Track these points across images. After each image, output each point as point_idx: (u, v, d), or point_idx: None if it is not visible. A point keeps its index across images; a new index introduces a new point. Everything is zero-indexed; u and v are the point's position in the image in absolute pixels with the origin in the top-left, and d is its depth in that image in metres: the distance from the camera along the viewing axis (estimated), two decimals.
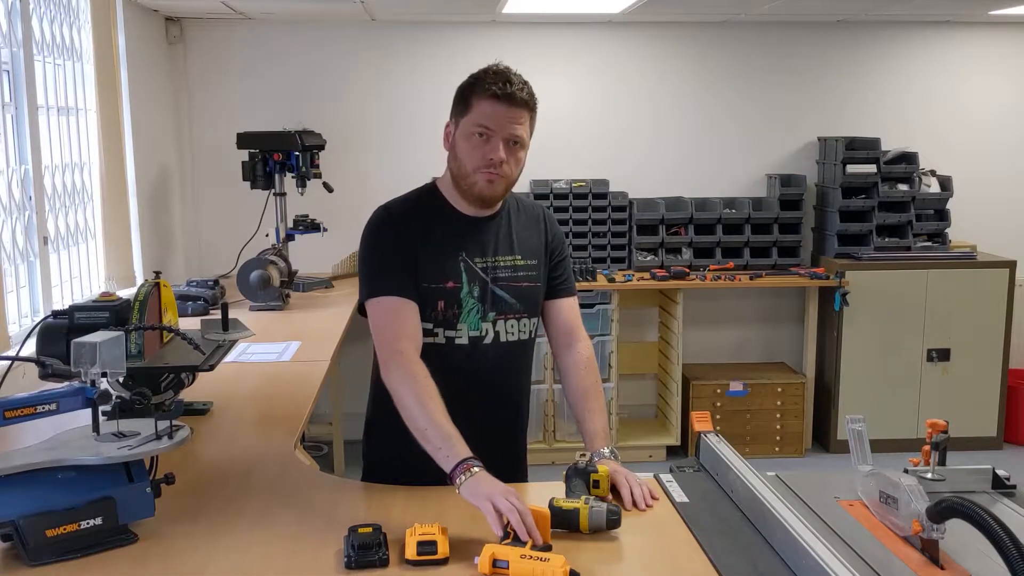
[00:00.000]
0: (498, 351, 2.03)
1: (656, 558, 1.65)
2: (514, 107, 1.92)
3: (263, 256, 4.19)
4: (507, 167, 1.94)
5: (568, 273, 2.16)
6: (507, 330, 2.03)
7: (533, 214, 2.13)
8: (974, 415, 5.08)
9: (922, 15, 5.12)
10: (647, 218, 5.10)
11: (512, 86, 1.92)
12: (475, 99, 1.94)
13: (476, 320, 2.00)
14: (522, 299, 2.05)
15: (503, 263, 2.04)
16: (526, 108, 1.94)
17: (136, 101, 4.29)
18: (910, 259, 5.04)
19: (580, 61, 5.24)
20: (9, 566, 1.57)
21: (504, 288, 2.02)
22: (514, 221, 2.08)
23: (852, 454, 1.85)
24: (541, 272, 2.09)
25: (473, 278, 2.00)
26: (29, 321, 3.25)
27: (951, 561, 1.58)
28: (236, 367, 2.98)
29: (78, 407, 1.69)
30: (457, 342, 1.99)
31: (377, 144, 5.16)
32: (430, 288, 1.97)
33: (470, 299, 1.99)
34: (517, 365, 2.10)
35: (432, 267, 1.97)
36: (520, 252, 2.06)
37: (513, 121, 1.93)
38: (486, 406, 2.03)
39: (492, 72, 1.95)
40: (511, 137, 1.93)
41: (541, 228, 2.12)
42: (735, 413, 5.03)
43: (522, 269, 2.06)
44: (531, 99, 1.95)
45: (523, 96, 1.93)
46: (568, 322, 2.14)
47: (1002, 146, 5.47)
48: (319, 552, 1.63)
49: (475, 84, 1.96)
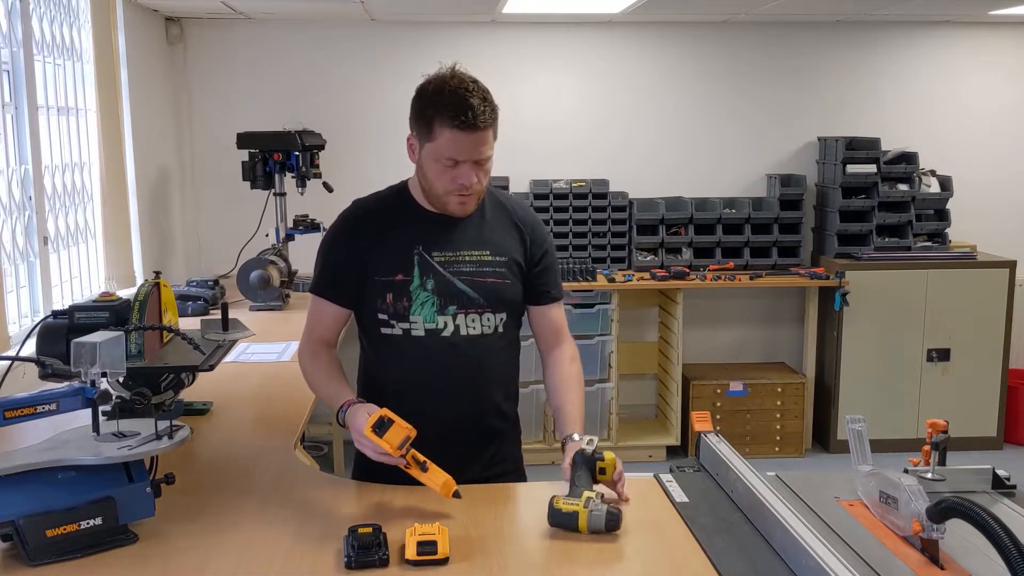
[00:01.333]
0: (458, 344, 2.01)
1: (656, 558, 1.65)
2: (478, 132, 1.88)
3: (263, 256, 4.19)
4: (477, 185, 1.95)
5: (552, 279, 2.14)
6: (468, 324, 2.01)
7: (512, 215, 2.10)
8: (974, 415, 5.08)
9: (922, 15, 5.12)
10: (647, 218, 5.10)
11: (474, 113, 1.85)
12: (438, 127, 1.89)
13: (431, 313, 1.99)
14: (486, 294, 2.02)
15: (468, 258, 2.02)
16: (489, 125, 1.90)
17: (136, 101, 4.29)
18: (910, 259, 5.04)
19: (580, 61, 5.24)
20: (9, 566, 1.57)
21: (467, 283, 2.01)
22: (488, 217, 2.06)
23: (852, 454, 1.85)
24: (513, 271, 2.06)
25: (427, 271, 1.99)
26: (29, 321, 3.25)
27: (951, 561, 1.58)
28: (236, 367, 2.98)
29: (78, 407, 1.69)
30: (413, 334, 2.00)
31: (377, 144, 5.16)
32: (380, 280, 2.00)
33: (422, 291, 1.99)
34: (484, 360, 2.05)
35: (383, 261, 2.00)
36: (488, 248, 2.04)
37: (479, 145, 1.90)
38: (446, 399, 2.02)
39: (449, 92, 1.88)
40: (479, 160, 1.92)
41: (518, 231, 2.08)
42: (735, 413, 5.03)
43: (489, 265, 2.03)
44: (493, 115, 1.90)
45: (486, 119, 1.87)
46: (553, 326, 2.15)
47: (1002, 146, 5.47)
48: (319, 552, 1.63)
49: (435, 108, 1.89)
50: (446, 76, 1.92)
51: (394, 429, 1.77)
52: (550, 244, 2.15)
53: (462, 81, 1.89)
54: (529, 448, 1.93)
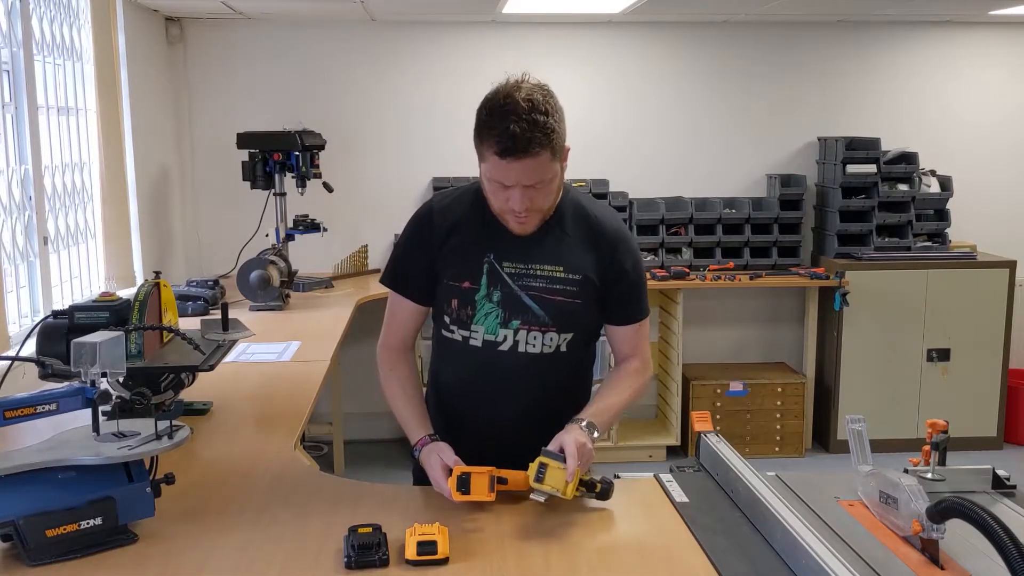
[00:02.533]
0: (515, 360, 1.95)
1: (656, 558, 1.65)
2: (523, 159, 1.76)
3: (263, 256, 4.19)
4: (536, 204, 1.85)
5: (631, 300, 2.01)
6: (528, 341, 1.94)
7: (595, 230, 1.96)
8: (974, 415, 5.08)
9: (922, 15, 5.12)
10: (647, 218, 5.10)
11: (516, 141, 1.73)
12: (484, 150, 1.80)
13: (494, 324, 1.94)
14: (553, 313, 1.93)
15: (539, 272, 1.92)
16: (539, 150, 1.75)
17: (136, 101, 4.29)
18: (910, 259, 5.04)
19: (580, 61, 5.24)
20: (9, 566, 1.57)
21: (535, 298, 1.92)
22: (568, 230, 1.94)
23: (852, 454, 1.85)
24: (587, 290, 1.94)
25: (495, 281, 1.93)
26: (29, 321, 3.25)
27: (951, 561, 1.58)
28: (236, 367, 2.98)
29: (78, 407, 1.69)
30: (471, 343, 1.96)
31: (377, 144, 5.17)
32: (449, 285, 1.97)
33: (487, 303, 1.94)
34: (541, 378, 1.97)
35: (452, 266, 1.95)
36: (562, 264, 1.93)
37: (525, 172, 1.78)
38: (499, 411, 1.99)
39: (496, 114, 1.77)
40: (529, 185, 1.81)
41: (599, 248, 1.95)
42: (735, 413, 5.03)
43: (560, 283, 1.92)
44: (546, 138, 1.76)
45: (531, 145, 1.74)
46: (628, 344, 2.05)
47: (1002, 146, 5.47)
48: (319, 552, 1.63)
49: (481, 130, 1.80)
50: (500, 93, 1.80)
51: (476, 481, 1.76)
52: (634, 263, 1.99)
53: (513, 101, 1.76)
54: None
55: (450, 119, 5.12)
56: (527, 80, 1.84)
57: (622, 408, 1.99)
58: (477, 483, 1.76)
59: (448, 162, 5.14)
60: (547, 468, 1.73)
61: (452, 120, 5.12)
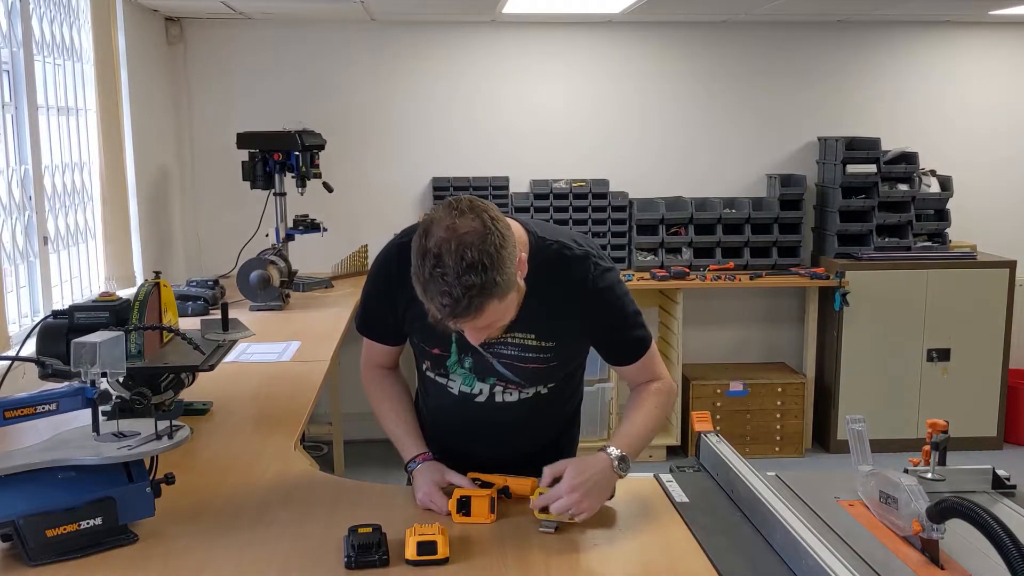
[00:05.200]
0: (494, 407, 1.90)
1: (656, 558, 1.65)
2: (466, 320, 1.58)
3: (263, 256, 4.19)
4: (493, 332, 1.73)
5: (623, 344, 1.88)
6: (505, 394, 1.89)
7: (571, 290, 1.78)
8: (974, 415, 5.07)
9: (922, 15, 5.12)
10: (647, 218, 5.10)
11: (454, 308, 1.53)
12: (427, 303, 1.58)
13: (471, 380, 1.88)
14: (527, 377, 1.86)
15: (511, 340, 1.81)
16: (480, 307, 1.55)
17: (136, 101, 4.29)
18: (910, 259, 5.04)
19: (580, 61, 5.24)
20: (9, 566, 1.57)
21: (507, 366, 1.85)
22: (539, 294, 1.75)
23: (852, 454, 1.85)
24: (564, 350, 1.85)
25: (465, 349, 1.83)
26: (29, 321, 3.25)
27: (951, 561, 1.58)
28: (236, 367, 2.97)
29: (78, 407, 1.69)
30: (449, 389, 1.92)
31: (377, 144, 5.17)
32: (419, 345, 1.90)
33: (459, 367, 1.87)
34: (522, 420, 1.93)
35: (419, 329, 1.83)
36: (534, 331, 1.81)
37: (474, 323, 1.60)
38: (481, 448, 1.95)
39: (431, 276, 1.52)
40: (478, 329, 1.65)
41: (574, 307, 1.79)
42: (735, 413, 5.03)
43: (532, 351, 1.82)
44: (484, 297, 1.53)
45: (468, 308, 1.53)
46: (635, 378, 1.94)
47: (1002, 146, 5.47)
48: (319, 552, 1.63)
49: (416, 281, 1.57)
50: (430, 251, 1.53)
51: (476, 504, 1.76)
52: (617, 314, 1.83)
53: (443, 266, 1.51)
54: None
55: (450, 119, 5.13)
56: (450, 217, 1.55)
57: (653, 429, 1.89)
58: (478, 506, 1.76)
59: (448, 162, 5.15)
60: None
61: (452, 120, 5.12)
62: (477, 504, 1.76)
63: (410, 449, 1.93)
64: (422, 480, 1.85)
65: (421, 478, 1.86)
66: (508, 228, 1.61)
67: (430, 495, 1.81)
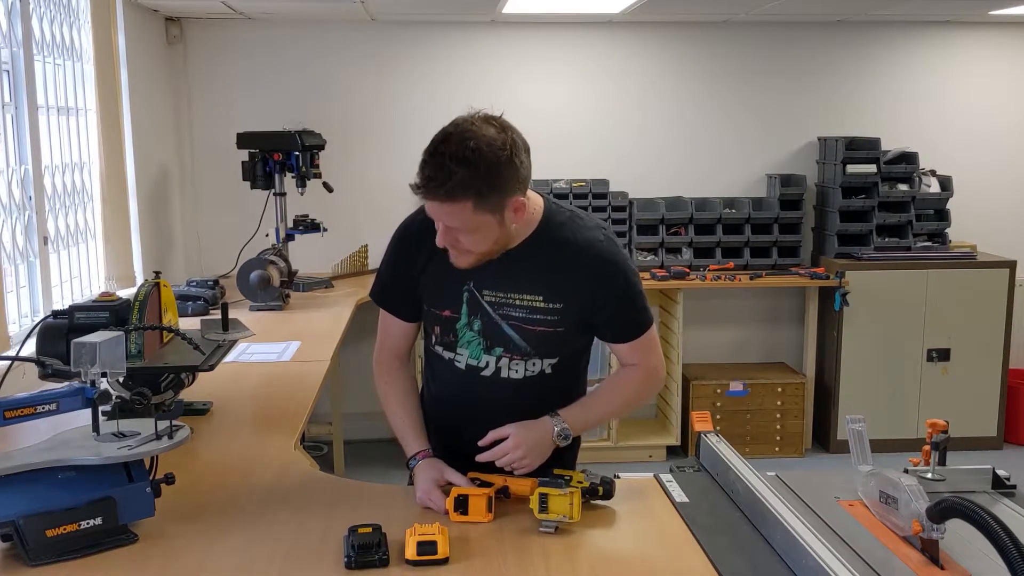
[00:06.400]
0: (498, 385, 1.93)
1: (656, 558, 1.65)
2: (432, 200, 1.71)
3: (263, 256, 4.19)
4: (462, 246, 1.78)
5: (621, 322, 1.92)
6: (511, 367, 1.92)
7: (577, 256, 1.84)
8: (974, 415, 5.08)
9: (922, 15, 5.12)
10: (647, 218, 5.10)
11: (427, 182, 1.67)
12: None
13: (478, 351, 1.92)
14: (534, 343, 1.89)
15: (519, 301, 1.86)
16: (449, 197, 1.67)
17: (136, 101, 4.29)
18: (910, 259, 5.04)
19: (580, 61, 5.24)
20: (9, 566, 1.57)
21: (515, 328, 1.88)
22: (549, 257, 1.84)
23: (852, 454, 1.85)
24: (570, 318, 1.87)
25: (475, 310, 1.89)
26: (29, 321, 3.25)
27: (951, 561, 1.58)
28: (236, 367, 2.97)
29: (78, 407, 1.69)
30: (456, 364, 1.96)
31: (377, 144, 5.16)
32: (430, 312, 1.96)
33: (468, 331, 1.91)
34: (526, 400, 1.93)
35: (432, 292, 1.93)
36: (542, 293, 1.85)
37: (441, 213, 1.72)
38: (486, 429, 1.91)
39: (431, 144, 1.71)
40: (450, 226, 1.74)
41: (581, 273, 1.84)
42: (735, 413, 5.03)
43: (540, 312, 1.86)
44: (454, 187, 1.66)
45: (439, 187, 1.66)
46: (625, 357, 1.99)
47: (1002, 146, 5.47)
48: (319, 552, 1.63)
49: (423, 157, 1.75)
50: (449, 127, 1.73)
51: (474, 503, 1.77)
52: (622, 284, 1.87)
53: (446, 142, 1.69)
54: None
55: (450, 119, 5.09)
56: (480, 119, 1.73)
57: (612, 414, 1.97)
58: (475, 505, 1.77)
59: None
60: (548, 497, 1.72)
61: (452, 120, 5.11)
62: (474, 503, 1.77)
63: (412, 445, 1.96)
64: (421, 478, 1.86)
65: (421, 476, 1.88)
66: (521, 162, 1.73)
67: (428, 493, 1.82)
